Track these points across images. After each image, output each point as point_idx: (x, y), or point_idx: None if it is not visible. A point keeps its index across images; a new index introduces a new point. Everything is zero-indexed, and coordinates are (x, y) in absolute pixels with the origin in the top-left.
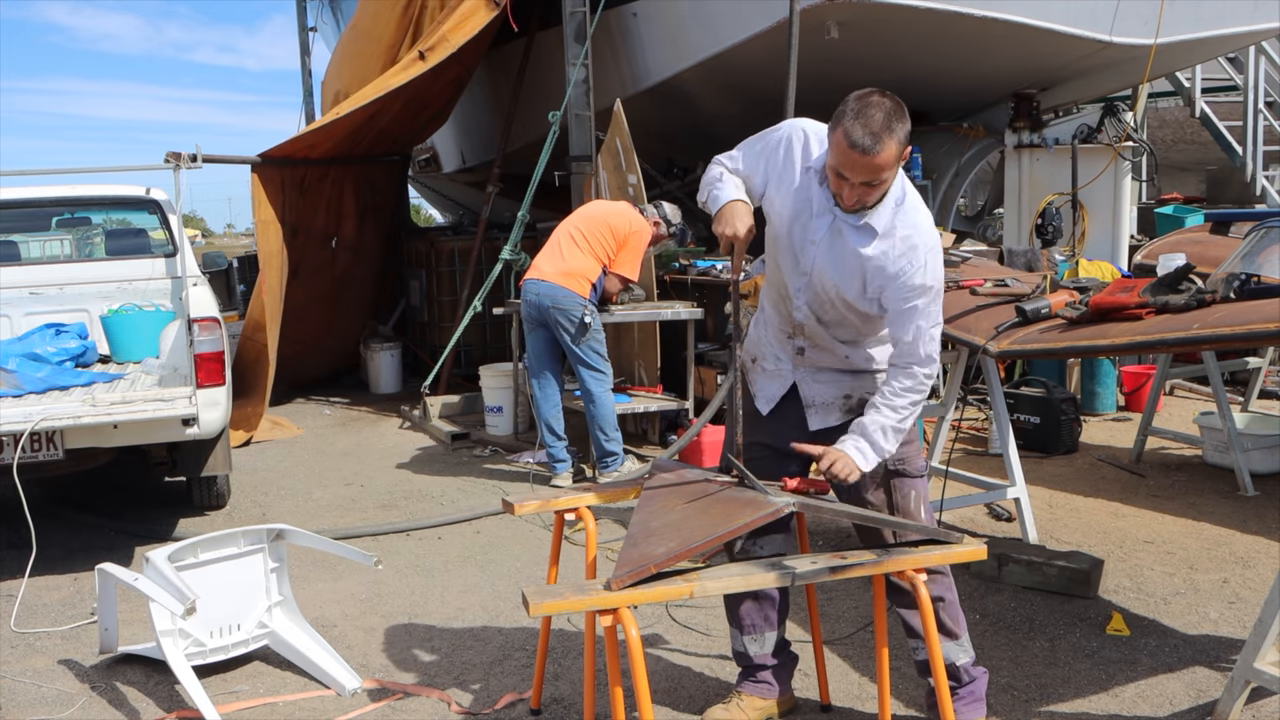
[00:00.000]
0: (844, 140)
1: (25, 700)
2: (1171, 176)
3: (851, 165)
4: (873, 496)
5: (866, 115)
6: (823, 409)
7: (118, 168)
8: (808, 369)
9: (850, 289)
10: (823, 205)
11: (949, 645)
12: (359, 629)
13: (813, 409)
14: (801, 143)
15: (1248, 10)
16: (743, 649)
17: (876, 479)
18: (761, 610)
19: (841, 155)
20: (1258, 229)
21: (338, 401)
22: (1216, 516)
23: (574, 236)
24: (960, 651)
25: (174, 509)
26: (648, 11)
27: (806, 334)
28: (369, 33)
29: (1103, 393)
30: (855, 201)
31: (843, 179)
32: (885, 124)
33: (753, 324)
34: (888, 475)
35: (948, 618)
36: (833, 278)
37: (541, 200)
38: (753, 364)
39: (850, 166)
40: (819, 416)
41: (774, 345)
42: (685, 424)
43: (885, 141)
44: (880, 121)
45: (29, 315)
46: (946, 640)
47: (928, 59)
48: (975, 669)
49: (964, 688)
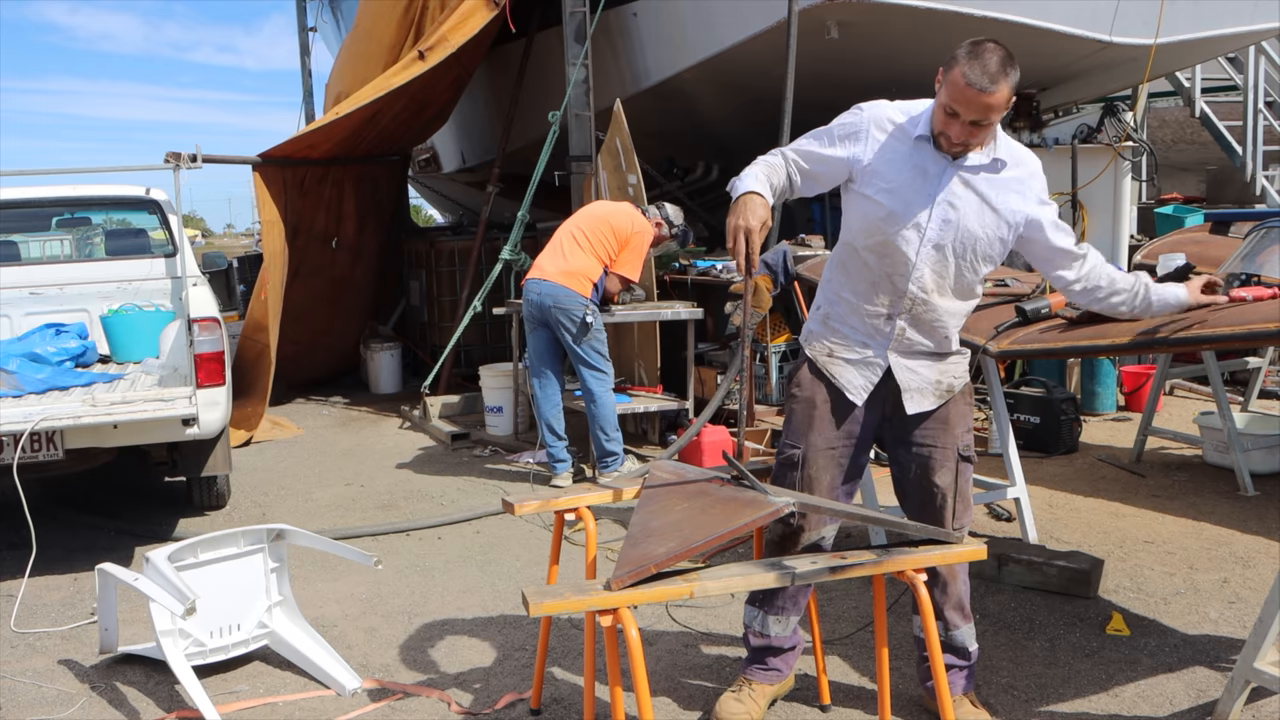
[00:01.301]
0: (961, 79)
1: (25, 700)
2: (1171, 176)
3: (967, 102)
4: (941, 479)
5: (984, 58)
6: (919, 393)
7: (118, 168)
8: (901, 354)
9: (985, 228)
10: (940, 166)
11: (965, 628)
12: (359, 629)
13: (909, 393)
14: (900, 119)
15: (1248, 10)
16: (762, 629)
17: (951, 461)
18: (791, 591)
19: (957, 92)
20: (1258, 229)
21: (338, 401)
22: (1216, 516)
23: (576, 236)
24: (970, 636)
25: (174, 509)
26: (648, 11)
27: (914, 310)
28: (370, 33)
29: (1103, 393)
30: (960, 139)
31: (953, 117)
32: (1001, 66)
33: (819, 318)
34: (959, 458)
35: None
36: (964, 225)
37: (541, 200)
38: (829, 357)
39: (965, 103)
40: (915, 401)
41: (860, 332)
42: (685, 424)
43: (1000, 83)
44: (997, 64)
45: (29, 315)
46: (964, 623)
47: (928, 59)
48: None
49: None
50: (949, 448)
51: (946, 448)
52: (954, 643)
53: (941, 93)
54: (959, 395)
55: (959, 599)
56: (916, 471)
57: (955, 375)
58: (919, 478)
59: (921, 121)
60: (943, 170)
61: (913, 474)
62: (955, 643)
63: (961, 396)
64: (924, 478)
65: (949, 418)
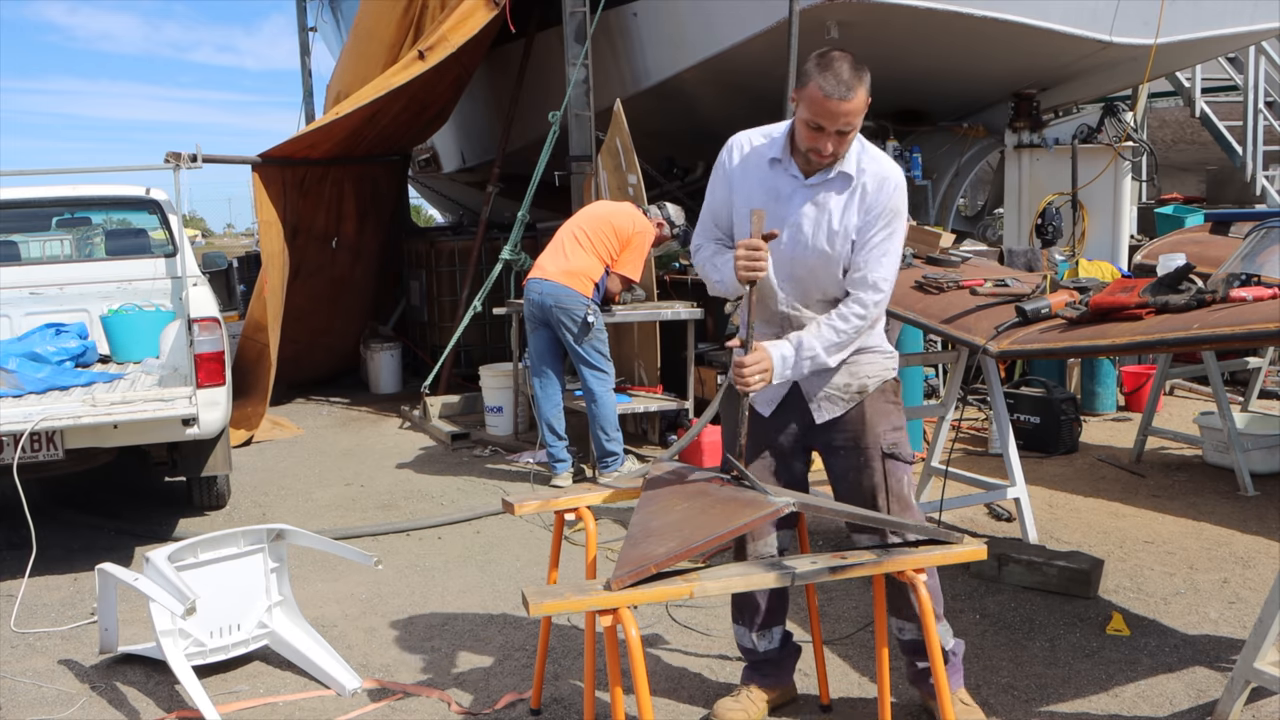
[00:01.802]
0: (819, 92)
1: (25, 700)
2: (1171, 176)
3: (828, 114)
4: (866, 480)
5: (835, 67)
6: (826, 400)
7: (118, 168)
8: None
9: (834, 245)
10: (792, 186)
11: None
12: (359, 629)
13: (815, 402)
14: (748, 148)
15: (1248, 10)
16: (751, 645)
17: (874, 461)
18: (769, 607)
19: (817, 107)
20: (1258, 229)
21: (338, 401)
22: (1216, 516)
23: (578, 236)
24: (946, 635)
25: (174, 509)
26: (648, 11)
27: (796, 325)
28: (370, 33)
29: (1103, 393)
30: (830, 151)
31: (820, 130)
32: (853, 73)
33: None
34: (884, 457)
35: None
36: (815, 244)
37: (541, 200)
38: None
39: (827, 115)
40: (824, 409)
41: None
42: (685, 424)
43: (856, 88)
44: (849, 71)
45: (29, 315)
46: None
47: (928, 59)
48: (955, 643)
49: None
50: (871, 448)
51: (869, 448)
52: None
53: (801, 109)
54: (876, 394)
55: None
56: (843, 476)
57: (869, 375)
58: (847, 482)
59: (778, 144)
60: (794, 191)
61: (841, 479)
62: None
63: (879, 395)
64: (852, 481)
65: (866, 417)
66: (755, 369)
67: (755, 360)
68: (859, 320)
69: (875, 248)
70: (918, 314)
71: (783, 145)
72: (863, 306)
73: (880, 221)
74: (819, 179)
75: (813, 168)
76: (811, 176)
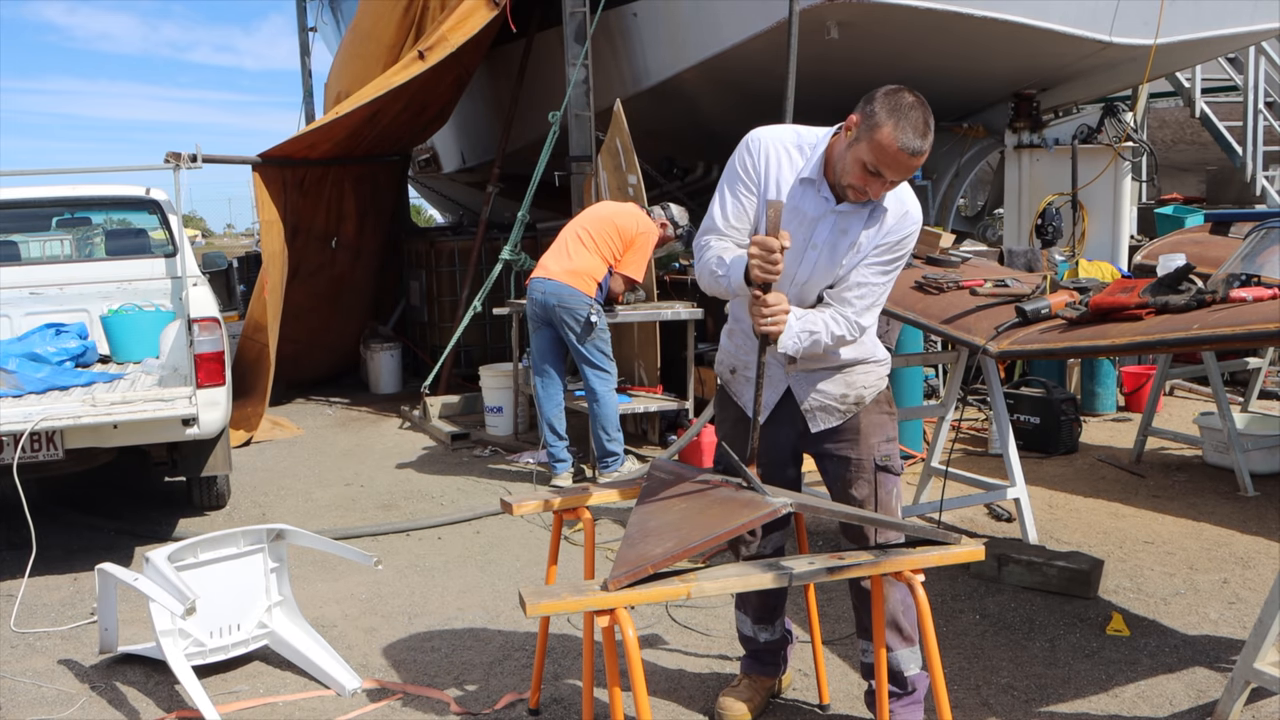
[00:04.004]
0: (894, 144)
1: (25, 700)
2: (1171, 176)
3: (896, 165)
4: (857, 491)
5: (910, 117)
6: (822, 411)
7: (117, 168)
8: (801, 373)
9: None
10: (820, 209)
11: (904, 651)
12: (359, 629)
13: (810, 412)
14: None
15: (1248, 10)
16: (752, 634)
17: (867, 473)
18: (771, 601)
19: (887, 156)
20: (1258, 229)
21: (338, 401)
22: (1216, 517)
23: (581, 236)
24: (912, 660)
25: (174, 509)
26: (648, 11)
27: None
28: (370, 33)
29: (1103, 393)
30: (878, 195)
31: (877, 176)
32: (927, 123)
33: (725, 334)
34: (876, 469)
35: (907, 622)
36: (832, 269)
37: (541, 200)
38: (733, 375)
39: (894, 166)
40: (819, 419)
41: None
42: (685, 424)
43: (929, 137)
44: (923, 122)
45: (29, 315)
46: (903, 645)
47: (928, 59)
48: (920, 678)
49: (907, 695)
50: (864, 459)
51: (862, 459)
52: (891, 666)
53: (863, 149)
54: (871, 405)
55: (893, 616)
56: (835, 485)
57: (865, 386)
58: (838, 492)
59: (812, 165)
60: (821, 215)
61: (833, 488)
62: (891, 666)
63: (875, 406)
64: (842, 491)
65: (862, 428)
66: (777, 308)
67: (777, 300)
68: (848, 338)
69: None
70: (918, 314)
71: (816, 166)
72: (849, 333)
73: (886, 255)
74: (849, 206)
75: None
76: (843, 203)
